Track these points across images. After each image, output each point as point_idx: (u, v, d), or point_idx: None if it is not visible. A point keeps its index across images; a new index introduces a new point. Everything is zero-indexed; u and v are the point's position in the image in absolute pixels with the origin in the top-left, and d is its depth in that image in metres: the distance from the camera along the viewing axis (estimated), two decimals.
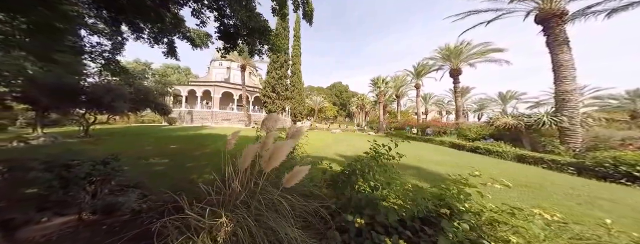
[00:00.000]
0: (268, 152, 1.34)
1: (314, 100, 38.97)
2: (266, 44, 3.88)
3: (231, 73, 25.45)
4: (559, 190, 3.73)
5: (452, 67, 17.57)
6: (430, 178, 3.95)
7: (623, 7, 7.44)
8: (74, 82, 6.40)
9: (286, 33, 16.05)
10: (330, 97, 57.76)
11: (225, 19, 3.12)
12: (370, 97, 36.96)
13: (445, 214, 1.31)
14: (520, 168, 5.96)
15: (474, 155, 8.20)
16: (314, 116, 39.01)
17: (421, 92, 33.02)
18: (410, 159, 5.94)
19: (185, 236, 1.08)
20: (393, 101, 35.53)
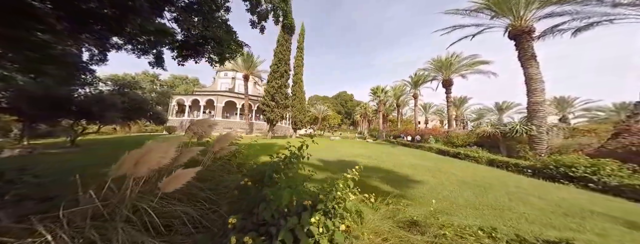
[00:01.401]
0: (135, 155, 1.26)
1: (318, 108, 40.23)
2: (225, 53, 3.94)
3: (236, 83, 26.42)
4: (504, 189, 4.24)
5: (444, 78, 18.24)
6: (392, 180, 4.48)
7: (585, 27, 8.09)
8: (62, 92, 6.20)
9: (288, 45, 16.61)
10: (336, 106, 58.84)
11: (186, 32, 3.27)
12: (372, 106, 37.73)
13: (308, 205, 1.40)
14: (485, 171, 6.36)
15: (454, 160, 8.62)
16: (317, 124, 39.98)
17: (421, 102, 33.63)
18: (388, 163, 6.60)
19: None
20: (394, 110, 36.01)
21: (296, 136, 20.91)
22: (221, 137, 2.21)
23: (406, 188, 3.86)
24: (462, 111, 35.28)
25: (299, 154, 2.18)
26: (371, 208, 2.15)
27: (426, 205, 2.93)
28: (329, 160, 6.67)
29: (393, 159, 7.87)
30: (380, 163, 6.61)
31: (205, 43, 3.58)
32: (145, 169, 1.31)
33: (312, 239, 1.19)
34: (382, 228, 1.63)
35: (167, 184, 1.37)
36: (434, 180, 4.67)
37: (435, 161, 8.02)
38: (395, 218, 1.89)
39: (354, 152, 9.49)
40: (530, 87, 8.54)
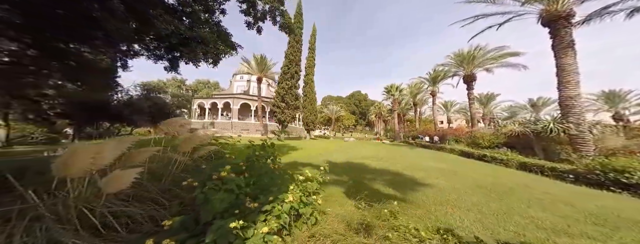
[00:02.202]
0: (63, 156, 1.27)
1: (331, 109, 40.26)
2: (209, 53, 4.05)
3: (250, 85, 27.45)
4: (527, 194, 3.80)
5: (465, 73, 16.60)
6: (398, 182, 4.14)
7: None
8: (100, 98, 6.90)
9: (299, 46, 16.94)
10: (349, 106, 57.94)
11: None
12: (387, 106, 36.29)
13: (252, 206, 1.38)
14: (511, 175, 5.55)
15: (477, 163, 7.77)
16: (331, 125, 40.02)
17: (440, 100, 30.99)
18: (399, 165, 6.39)
19: None
20: (411, 109, 33.97)
21: (310, 137, 20.99)
22: (189, 138, 2.15)
23: (410, 192, 3.74)
24: (490, 109, 31.37)
25: (266, 154, 2.05)
26: (360, 210, 2.06)
27: (425, 209, 2.71)
28: (336, 162, 6.52)
29: (405, 161, 7.52)
30: (389, 165, 6.42)
31: (187, 44, 3.69)
32: (78, 171, 1.31)
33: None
34: (327, 230, 1.50)
35: (108, 185, 1.33)
36: (446, 184, 4.39)
37: (454, 163, 7.24)
38: (351, 220, 1.72)
39: (365, 154, 9.29)
40: (563, 79, 7.24)
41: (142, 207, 1.60)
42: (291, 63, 16.47)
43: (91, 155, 1.40)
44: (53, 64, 4.22)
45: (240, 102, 24.00)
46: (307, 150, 9.72)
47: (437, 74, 21.80)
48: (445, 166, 6.60)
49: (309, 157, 7.17)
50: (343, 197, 3.15)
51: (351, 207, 2.17)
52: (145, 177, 1.88)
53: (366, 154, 9.21)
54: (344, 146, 13.00)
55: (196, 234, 1.24)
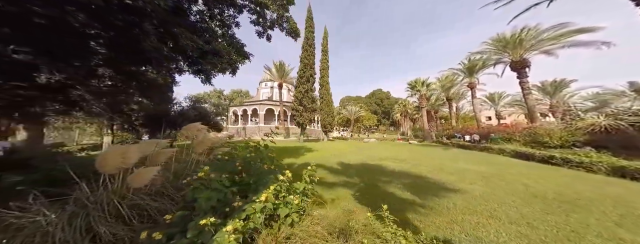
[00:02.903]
0: (103, 156, 1.55)
1: (350, 110, 39.29)
2: (223, 64, 4.49)
3: (273, 92, 29.16)
4: (620, 210, 2.61)
5: (512, 59, 13.52)
6: (419, 186, 3.65)
7: None
8: (164, 110, 9.10)
9: (312, 50, 17.18)
10: (370, 106, 55.51)
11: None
12: (413, 103, 32.97)
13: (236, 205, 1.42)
14: (592, 182, 4.02)
15: (539, 166, 6.02)
16: (350, 126, 38.98)
17: (483, 92, 25.90)
18: (424, 168, 5.56)
19: None
20: (444, 105, 29.76)
21: (328, 139, 20.78)
22: (202, 140, 2.37)
23: (433, 197, 3.16)
24: (563, 99, 24.15)
25: (259, 155, 2.09)
26: (350, 213, 1.87)
27: (448, 217, 2.28)
28: (350, 163, 6.18)
29: (432, 163, 6.50)
30: (412, 167, 5.69)
31: (205, 57, 4.22)
32: (111, 168, 1.58)
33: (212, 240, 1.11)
34: (303, 233, 1.44)
35: (134, 181, 1.55)
36: (484, 189, 3.53)
37: (503, 166, 5.86)
38: (333, 223, 1.62)
39: (384, 155, 8.54)
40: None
41: (161, 202, 1.78)
42: (306, 67, 16.91)
43: (121, 155, 1.67)
44: (133, 84, 5.54)
45: (265, 107, 25.92)
46: (322, 152, 9.61)
47: (473, 63, 18.61)
48: (488, 170, 5.41)
49: (322, 159, 7.05)
50: (351, 200, 2.94)
51: (339, 210, 1.96)
52: (166, 175, 2.09)
53: (385, 155, 8.47)
54: (361, 147, 12.39)
55: (185, 230, 1.30)
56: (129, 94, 7.86)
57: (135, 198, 1.71)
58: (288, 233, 1.40)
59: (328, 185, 3.76)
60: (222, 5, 4.36)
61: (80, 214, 1.45)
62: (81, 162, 3.12)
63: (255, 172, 1.97)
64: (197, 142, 2.36)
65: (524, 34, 12.76)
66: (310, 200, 1.91)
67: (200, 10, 4.40)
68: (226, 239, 1.06)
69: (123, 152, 1.69)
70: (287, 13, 5.09)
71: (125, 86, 6.57)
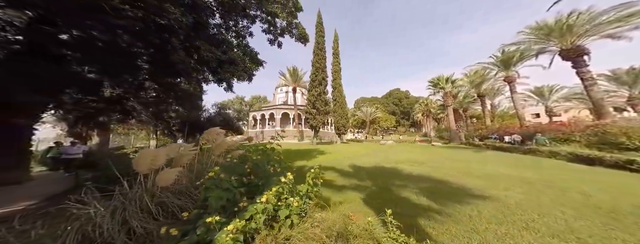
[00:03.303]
0: (138, 158, 1.78)
1: (365, 111, 38.10)
2: (239, 72, 4.85)
3: (288, 96, 29.88)
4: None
5: (562, 47, 11.33)
6: (439, 192, 3.32)
7: None
8: (195, 116, 10.64)
9: (323, 53, 17.53)
10: (387, 107, 53.01)
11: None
12: (437, 101, 30.25)
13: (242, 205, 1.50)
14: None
15: (606, 172, 4.82)
16: (365, 128, 37.70)
17: (526, 86, 22.00)
18: (445, 171, 5.01)
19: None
20: (474, 102, 26.42)
21: (341, 141, 20.41)
22: (219, 144, 2.56)
23: (454, 204, 2.81)
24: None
25: (266, 158, 2.16)
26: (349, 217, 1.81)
27: (468, 226, 2.04)
28: (362, 166, 5.95)
29: (458, 166, 5.82)
30: (432, 171, 5.19)
31: (222, 66, 4.62)
32: (144, 167, 1.80)
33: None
34: (302, 235, 1.44)
35: (160, 180, 1.72)
36: (521, 197, 2.98)
37: (553, 171, 4.97)
38: (332, 226, 1.57)
39: (401, 157, 7.99)
40: None
41: (183, 200, 1.94)
42: (317, 70, 17.23)
43: (151, 158, 1.93)
44: (171, 95, 6.79)
45: (281, 112, 27.03)
46: (334, 154, 9.46)
47: (508, 55, 16.27)
48: (532, 175, 4.62)
49: (334, 161, 6.96)
50: (359, 204, 2.84)
51: (340, 213, 1.93)
52: (189, 175, 2.32)
53: (402, 157, 7.93)
54: (377, 150, 11.82)
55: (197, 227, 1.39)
56: (168, 104, 9.65)
57: (162, 195, 1.91)
58: (287, 235, 1.41)
59: (337, 188, 3.68)
60: (236, 17, 4.90)
61: (119, 208, 1.68)
62: (129, 162, 3.79)
63: (263, 174, 2.04)
64: (216, 145, 2.55)
65: (573, 19, 10.65)
66: (313, 202, 1.90)
67: (217, 24, 5.00)
68: (223, 238, 1.11)
69: (153, 155, 1.95)
70: (295, 20, 5.41)
71: (165, 97, 7.98)
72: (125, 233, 1.54)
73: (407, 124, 51.97)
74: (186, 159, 2.27)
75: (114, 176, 2.09)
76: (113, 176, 2.14)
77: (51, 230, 1.48)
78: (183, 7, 3.51)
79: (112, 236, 1.47)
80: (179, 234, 1.30)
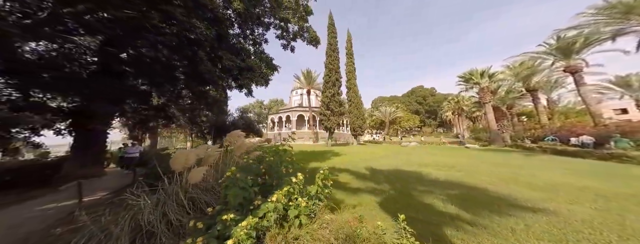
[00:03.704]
0: (174, 158, 2.04)
1: (383, 111, 36.15)
2: (257, 77, 5.23)
3: (303, 98, 30.53)
4: None
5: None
6: (472, 199, 2.96)
7: None
8: (222, 120, 12.09)
9: (336, 54, 17.46)
10: (409, 105, 49.49)
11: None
12: (471, 98, 26.71)
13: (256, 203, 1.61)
14: None
15: None
16: (385, 129, 35.67)
17: (601, 76, 17.11)
18: (480, 178, 4.33)
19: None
20: (523, 98, 22.24)
21: (358, 143, 19.63)
22: (239, 145, 2.76)
23: (491, 214, 2.38)
24: None
25: (279, 159, 2.24)
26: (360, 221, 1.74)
27: (508, 240, 1.78)
28: (380, 169, 5.65)
29: (500, 171, 4.96)
30: (464, 176, 4.55)
31: (242, 73, 5.07)
32: (179, 166, 2.05)
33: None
34: (310, 236, 1.46)
35: (191, 178, 1.88)
36: (593, 213, 2.34)
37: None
38: (340, 229, 1.55)
39: (426, 160, 7.26)
40: None
41: (210, 196, 2.20)
42: (331, 72, 17.25)
43: (184, 158, 2.21)
44: (203, 102, 8.00)
45: (296, 114, 27.76)
46: (349, 156, 9.18)
47: (568, 41, 13.32)
48: (612, 187, 3.66)
49: (349, 163, 6.78)
50: (375, 208, 2.73)
51: (350, 216, 1.87)
52: (215, 174, 2.56)
53: (428, 161, 7.21)
54: (398, 152, 11.05)
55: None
56: (200, 110, 11.29)
57: (192, 192, 2.17)
58: (296, 234, 1.46)
59: (352, 191, 3.58)
60: (252, 25, 5.40)
61: (160, 202, 1.97)
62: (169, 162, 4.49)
63: (276, 175, 2.15)
64: (236, 147, 2.76)
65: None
66: (323, 204, 1.91)
67: (236, 34, 5.58)
68: (238, 232, 1.22)
69: (185, 155, 2.22)
70: (306, 23, 5.65)
71: (197, 103, 9.32)
72: (165, 224, 1.80)
73: (434, 124, 47.25)
74: (212, 160, 2.51)
75: (159, 173, 2.46)
76: (158, 174, 2.52)
77: (115, 217, 1.82)
78: (206, 20, 4.05)
79: (155, 225, 1.74)
80: (204, 228, 1.46)
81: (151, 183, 2.43)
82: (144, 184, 2.28)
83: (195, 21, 3.85)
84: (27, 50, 4.14)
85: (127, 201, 1.98)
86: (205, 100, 8.13)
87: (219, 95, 10.11)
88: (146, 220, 1.75)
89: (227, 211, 1.48)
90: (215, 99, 9.26)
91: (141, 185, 2.27)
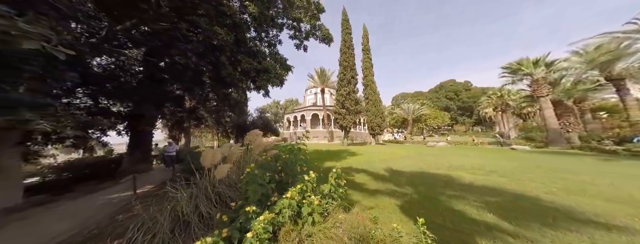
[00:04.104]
0: (204, 155, 2.34)
1: (406, 108, 33.64)
2: (271, 79, 5.42)
3: (317, 97, 30.35)
4: None
5: None
6: (515, 209, 2.55)
7: None
8: (243, 120, 13.07)
9: (351, 51, 16.97)
10: (437, 102, 45.27)
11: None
12: (521, 91, 22.72)
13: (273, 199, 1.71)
14: None
15: None
16: (407, 127, 33.21)
17: None
18: (548, 186, 3.60)
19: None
20: (601, 89, 17.68)
21: (376, 142, 18.75)
22: (258, 144, 2.97)
23: (545, 228, 2.00)
24: None
25: (294, 157, 2.33)
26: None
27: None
28: (401, 170, 5.31)
29: (561, 179, 4.13)
30: (509, 183, 3.91)
31: (259, 75, 5.33)
32: (208, 163, 2.38)
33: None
34: (323, 234, 1.48)
35: (217, 173, 2.22)
36: None
37: None
38: (354, 228, 1.52)
39: (459, 162, 6.46)
40: None
41: (233, 191, 2.45)
42: (345, 69, 16.83)
43: (211, 155, 2.51)
44: (226, 103, 9.02)
45: (311, 113, 27.98)
46: (366, 156, 8.83)
47: None
48: None
49: (366, 164, 6.54)
50: (394, 211, 2.62)
51: (365, 216, 1.83)
52: (236, 171, 2.85)
53: (459, 163, 6.47)
54: (423, 153, 10.11)
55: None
56: (224, 111, 12.68)
57: (219, 187, 2.43)
58: (310, 231, 1.51)
59: (369, 192, 3.49)
60: (267, 28, 5.70)
61: (193, 195, 2.26)
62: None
63: (292, 173, 2.26)
64: (255, 145, 2.98)
65: None
66: (336, 203, 1.94)
67: (252, 37, 5.95)
68: (256, 225, 1.34)
69: (212, 153, 2.50)
70: (318, 22, 5.70)
71: (221, 105, 10.42)
72: (197, 215, 2.06)
73: (468, 122, 41.97)
74: (235, 157, 2.78)
75: (192, 169, 2.80)
76: (192, 169, 2.86)
77: (159, 207, 2.15)
78: (226, 27, 4.46)
79: (190, 216, 2.01)
80: (228, 221, 1.63)
81: (187, 177, 2.78)
82: (181, 179, 2.64)
83: (216, 28, 4.29)
84: (94, 65, 5.27)
85: (168, 193, 2.32)
86: (228, 102, 9.02)
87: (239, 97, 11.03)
88: (182, 211, 2.03)
89: (247, 206, 1.62)
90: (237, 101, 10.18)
91: (179, 179, 2.62)
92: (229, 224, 1.57)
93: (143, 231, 1.79)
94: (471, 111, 40.78)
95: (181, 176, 2.82)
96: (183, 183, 2.47)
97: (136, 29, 4.74)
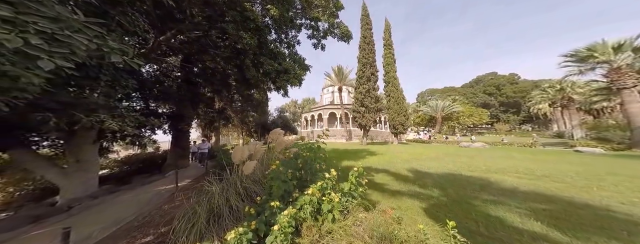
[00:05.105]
0: (233, 153, 2.58)
1: (433, 105, 30.73)
2: (291, 79, 5.55)
3: (335, 96, 29.66)
4: None
5: None
6: (574, 218, 2.14)
7: None
8: (265, 120, 13.83)
9: (371, 47, 16.17)
10: (473, 97, 40.34)
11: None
12: (588, 82, 18.53)
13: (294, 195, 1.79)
14: None
15: None
16: (436, 125, 30.37)
17: None
18: (620, 194, 2.99)
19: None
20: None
21: (398, 141, 17.71)
22: (279, 142, 3.12)
23: (612, 241, 1.65)
24: None
25: (313, 155, 2.40)
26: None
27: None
28: (427, 171, 4.96)
29: None
30: (565, 188, 3.33)
31: (279, 76, 5.52)
32: (237, 160, 2.61)
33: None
34: (343, 231, 1.50)
35: (244, 169, 2.39)
36: None
37: None
38: (376, 227, 1.50)
39: (500, 165, 5.68)
40: None
41: (258, 187, 2.65)
42: (365, 66, 16.12)
43: (240, 152, 2.73)
44: (249, 104, 10.06)
45: (328, 112, 27.70)
46: (387, 156, 8.37)
47: None
48: None
49: (387, 164, 6.23)
50: (419, 213, 2.51)
51: (387, 216, 1.82)
52: (260, 168, 3.05)
53: (501, 165, 5.71)
54: (454, 154, 9.09)
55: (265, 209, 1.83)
56: (248, 111, 13.97)
57: (246, 182, 2.66)
58: (330, 228, 1.55)
59: (390, 193, 3.37)
60: (286, 29, 5.91)
61: (225, 189, 2.51)
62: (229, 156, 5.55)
63: (311, 170, 2.34)
64: (277, 144, 3.14)
65: None
66: (356, 202, 1.95)
67: (272, 39, 6.20)
68: (281, 219, 1.45)
69: (241, 150, 2.75)
70: (337, 19, 5.65)
71: (245, 105, 11.41)
72: (228, 208, 2.29)
73: (515, 120, 36.25)
74: (259, 155, 2.98)
75: (224, 165, 3.13)
76: (223, 165, 3.21)
77: (198, 199, 2.41)
78: (250, 31, 4.84)
79: (222, 209, 2.26)
80: (255, 214, 1.78)
81: (219, 172, 3.10)
82: (215, 174, 2.94)
83: (242, 33, 4.70)
84: (143, 72, 6.33)
85: (204, 187, 2.61)
86: (251, 102, 9.84)
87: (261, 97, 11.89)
88: (216, 204, 2.29)
89: (271, 200, 1.76)
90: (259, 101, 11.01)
91: (213, 174, 2.92)
92: (255, 217, 1.71)
93: (185, 220, 2.07)
94: (518, 107, 35.01)
95: (214, 171, 3.11)
96: (216, 178, 2.73)
97: (175, 38, 5.51)
